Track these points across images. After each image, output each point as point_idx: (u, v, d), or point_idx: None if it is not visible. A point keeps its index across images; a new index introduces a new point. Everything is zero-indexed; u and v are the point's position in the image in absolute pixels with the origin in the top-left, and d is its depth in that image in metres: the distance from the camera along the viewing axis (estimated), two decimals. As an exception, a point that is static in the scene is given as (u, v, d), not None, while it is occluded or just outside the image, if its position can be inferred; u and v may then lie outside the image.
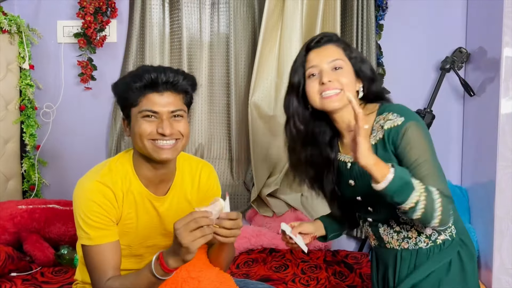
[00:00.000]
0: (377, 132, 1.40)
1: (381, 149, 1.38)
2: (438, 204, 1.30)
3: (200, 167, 1.54)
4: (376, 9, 2.55)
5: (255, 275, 2.15)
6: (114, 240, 1.38)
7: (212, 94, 2.76)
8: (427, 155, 1.36)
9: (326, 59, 1.42)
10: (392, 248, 1.49)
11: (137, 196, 1.42)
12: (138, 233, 1.46)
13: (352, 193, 1.49)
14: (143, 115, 1.33)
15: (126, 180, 1.41)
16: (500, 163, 2.13)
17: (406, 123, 1.36)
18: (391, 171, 1.23)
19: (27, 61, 2.61)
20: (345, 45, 1.47)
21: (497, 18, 2.15)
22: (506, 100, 2.13)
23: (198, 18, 2.71)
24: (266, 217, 2.64)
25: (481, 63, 2.39)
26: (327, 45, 1.45)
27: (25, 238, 2.29)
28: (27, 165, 2.69)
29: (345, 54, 1.44)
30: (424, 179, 1.33)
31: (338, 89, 1.40)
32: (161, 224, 1.48)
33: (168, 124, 1.32)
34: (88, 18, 2.55)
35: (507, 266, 2.15)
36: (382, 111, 1.42)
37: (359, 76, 1.45)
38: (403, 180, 1.24)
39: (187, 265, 1.39)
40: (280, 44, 2.61)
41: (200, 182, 1.53)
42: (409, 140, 1.35)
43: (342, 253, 2.43)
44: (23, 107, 2.64)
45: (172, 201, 1.48)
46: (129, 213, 1.42)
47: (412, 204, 1.26)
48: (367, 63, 1.48)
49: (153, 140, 1.34)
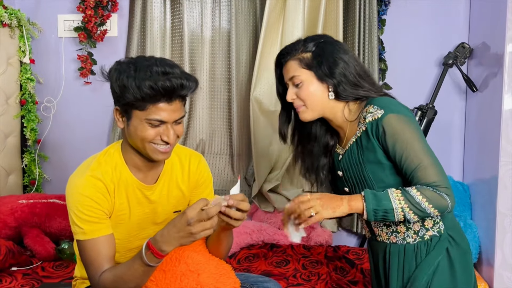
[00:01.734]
0: (362, 124, 1.44)
1: (365, 139, 1.43)
2: (418, 197, 1.34)
3: (189, 157, 1.55)
4: (379, 4, 2.53)
5: (256, 270, 2.15)
6: (108, 233, 1.39)
7: (213, 90, 2.75)
8: (414, 145, 1.38)
9: (287, 76, 1.49)
10: (382, 241, 1.53)
11: (128, 187, 1.43)
12: (132, 224, 1.46)
13: (341, 185, 1.55)
14: (149, 122, 1.30)
15: (116, 171, 1.41)
16: (502, 159, 2.12)
17: (385, 115, 1.39)
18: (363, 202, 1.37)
19: (27, 55, 2.60)
20: (305, 51, 1.47)
21: (500, 13, 2.14)
22: (509, 95, 2.12)
23: (200, 13, 2.70)
24: (267, 212, 2.63)
25: (484, 58, 2.38)
26: (287, 62, 1.49)
27: (25, 232, 2.29)
28: (28, 159, 2.68)
29: (301, 65, 1.46)
30: (416, 172, 1.37)
31: (301, 105, 1.48)
32: (153, 213, 1.49)
33: (172, 133, 1.33)
34: (88, 12, 2.54)
35: (509, 262, 2.14)
36: (366, 104, 1.45)
37: (323, 80, 1.45)
38: (375, 198, 1.36)
39: (185, 258, 1.40)
40: (281, 39, 2.59)
41: (190, 171, 1.53)
42: (392, 133, 1.38)
43: (343, 248, 2.43)
44: (24, 102, 2.63)
45: (162, 189, 1.49)
46: (121, 203, 1.43)
47: (402, 214, 1.35)
48: (335, 64, 1.44)
49: (154, 143, 1.34)
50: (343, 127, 1.51)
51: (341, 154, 1.52)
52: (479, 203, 2.40)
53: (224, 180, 2.76)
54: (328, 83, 1.45)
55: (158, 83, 1.25)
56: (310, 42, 1.48)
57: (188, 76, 1.31)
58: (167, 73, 1.27)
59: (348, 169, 1.49)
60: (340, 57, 1.45)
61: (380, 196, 1.37)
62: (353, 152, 1.46)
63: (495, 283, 2.15)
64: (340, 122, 1.51)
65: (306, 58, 1.46)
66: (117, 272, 1.32)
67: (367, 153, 1.43)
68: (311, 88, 1.46)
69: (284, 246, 2.41)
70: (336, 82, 1.44)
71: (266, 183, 2.60)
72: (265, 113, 2.62)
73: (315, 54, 1.46)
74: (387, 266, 1.52)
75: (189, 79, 1.30)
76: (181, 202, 1.55)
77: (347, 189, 1.53)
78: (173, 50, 2.68)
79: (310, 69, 1.45)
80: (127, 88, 1.27)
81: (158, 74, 1.26)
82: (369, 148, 1.42)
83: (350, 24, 2.55)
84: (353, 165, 1.46)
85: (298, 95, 1.47)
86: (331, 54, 1.45)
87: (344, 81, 1.44)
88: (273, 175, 2.64)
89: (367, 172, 1.44)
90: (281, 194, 2.63)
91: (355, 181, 1.48)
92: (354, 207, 1.37)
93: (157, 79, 1.25)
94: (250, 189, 2.70)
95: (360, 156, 1.44)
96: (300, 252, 2.35)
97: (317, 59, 1.45)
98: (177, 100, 1.31)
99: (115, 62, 1.34)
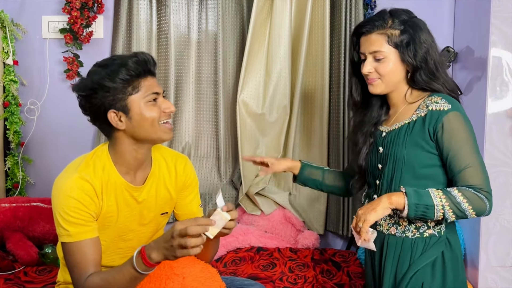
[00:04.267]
0: (421, 110, 1.47)
1: (419, 126, 1.46)
2: (459, 198, 1.38)
3: (175, 158, 1.56)
4: (365, 8, 2.55)
5: (243, 274, 2.14)
6: (94, 236, 1.37)
7: (199, 92, 2.74)
8: (467, 147, 1.42)
9: (369, 49, 1.50)
10: (381, 231, 1.55)
11: (117, 188, 1.42)
12: (119, 225, 1.45)
13: (376, 160, 1.57)
14: (148, 100, 1.36)
15: (104, 173, 1.41)
16: (487, 161, 2.11)
17: (451, 111, 1.42)
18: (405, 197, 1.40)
19: (10, 56, 2.56)
20: (394, 28, 1.48)
21: (484, 17, 2.17)
22: (492, 99, 2.14)
23: (186, 15, 2.68)
24: (254, 215, 2.62)
25: (468, 62, 2.40)
26: (372, 33, 1.50)
27: (8, 237, 2.25)
28: (11, 162, 2.64)
29: (388, 42, 1.48)
30: (462, 172, 1.40)
31: (376, 78, 1.52)
32: (139, 215, 1.48)
33: (169, 102, 1.41)
34: (74, 14, 2.51)
35: (493, 264, 2.16)
36: (432, 95, 1.49)
37: (405, 62, 1.49)
38: (417, 194, 1.40)
39: (170, 261, 1.38)
40: (269, 42, 2.59)
41: (177, 172, 1.54)
42: (451, 130, 1.41)
43: (329, 251, 2.43)
44: (7, 104, 2.59)
45: (150, 190, 1.48)
46: (110, 205, 1.42)
47: (441, 212, 1.38)
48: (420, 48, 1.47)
49: (161, 122, 1.39)
50: (399, 106, 1.56)
51: (384, 132, 1.56)
52: (464, 206, 2.42)
53: (210, 184, 2.74)
54: (408, 66, 1.49)
55: (139, 56, 1.35)
56: (397, 18, 1.49)
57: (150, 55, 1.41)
58: (132, 55, 1.37)
59: (389, 146, 1.52)
60: (425, 40, 1.48)
61: (421, 192, 1.40)
62: (401, 132, 1.50)
63: (479, 285, 2.17)
64: (398, 101, 1.56)
65: (394, 36, 1.48)
66: (105, 276, 1.30)
67: (414, 137, 1.46)
68: (392, 66, 1.50)
69: (271, 249, 2.40)
70: (416, 67, 1.48)
71: (253, 186, 2.60)
72: (252, 115, 2.61)
73: (403, 32, 1.48)
74: (384, 257, 1.53)
75: (148, 56, 1.40)
76: (168, 204, 1.55)
77: (380, 166, 1.56)
78: (159, 53, 2.67)
79: (396, 48, 1.48)
80: (114, 80, 1.33)
81: (125, 57, 1.36)
82: (419, 134, 1.46)
83: (337, 28, 2.56)
84: (396, 144, 1.50)
85: (376, 69, 1.50)
86: (418, 37, 1.48)
87: (424, 67, 1.48)
88: (260, 178, 2.63)
89: (403, 153, 1.48)
90: (268, 197, 2.63)
91: (390, 159, 1.51)
92: (395, 201, 1.40)
93: (131, 58, 1.35)
94: (237, 192, 2.69)
95: (406, 137, 1.48)
96: (286, 255, 2.34)
97: (404, 40, 1.47)
98: (151, 75, 1.40)
99: (79, 80, 1.42)
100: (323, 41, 2.53)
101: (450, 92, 1.52)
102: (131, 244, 1.50)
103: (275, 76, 2.60)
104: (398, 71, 1.51)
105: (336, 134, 2.58)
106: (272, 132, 2.64)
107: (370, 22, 1.51)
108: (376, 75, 1.51)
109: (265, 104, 2.63)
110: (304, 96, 2.63)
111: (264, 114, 2.62)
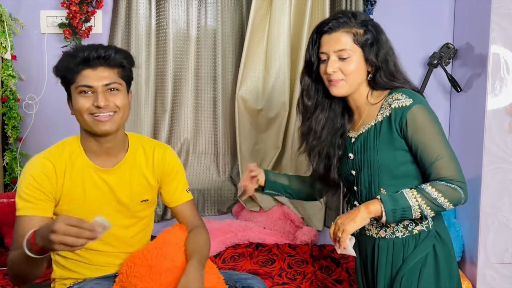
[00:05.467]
0: (385, 110, 1.45)
1: (386, 126, 1.44)
2: (434, 193, 1.38)
3: (153, 147, 1.60)
4: (365, 4, 2.55)
5: (242, 270, 2.14)
6: (41, 215, 1.41)
7: (198, 89, 2.73)
8: (435, 139, 1.41)
9: (333, 47, 1.45)
10: (370, 236, 1.54)
11: (84, 170, 1.48)
12: (88, 207, 1.48)
13: (349, 167, 1.54)
14: (79, 90, 1.42)
15: (72, 156, 1.48)
16: (486, 158, 2.14)
17: (413, 105, 1.40)
18: (380, 204, 1.40)
19: (9, 51, 2.55)
20: (358, 27, 1.45)
21: (484, 14, 2.16)
22: (492, 96, 2.14)
23: (185, 11, 2.67)
24: (252, 211, 2.62)
25: (468, 59, 2.40)
26: (337, 31, 1.45)
27: (6, 232, 2.25)
28: (9, 158, 2.63)
29: (354, 40, 1.45)
30: (434, 165, 1.40)
31: (340, 79, 1.46)
32: (115, 200, 1.51)
33: (102, 97, 1.41)
34: (73, 8, 2.50)
35: (492, 261, 2.17)
36: (392, 91, 1.47)
37: (367, 61, 1.46)
38: (392, 199, 1.40)
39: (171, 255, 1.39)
40: (268, 38, 2.59)
41: (154, 161, 1.57)
42: (416, 124, 1.40)
43: (328, 247, 2.43)
44: (5, 99, 2.58)
45: (123, 175, 1.52)
46: (74, 186, 1.46)
47: (419, 211, 1.39)
48: (382, 48, 1.46)
49: (91, 114, 1.42)
50: (362, 108, 1.52)
51: (353, 137, 1.53)
52: (463, 203, 2.42)
53: (209, 180, 2.74)
54: (371, 66, 1.47)
55: (78, 53, 1.42)
56: (360, 18, 1.47)
57: (110, 46, 1.47)
58: (88, 46, 1.44)
59: (359, 152, 1.50)
60: (386, 42, 1.47)
61: (395, 196, 1.40)
62: (369, 135, 1.48)
63: (478, 282, 2.17)
64: (361, 103, 1.52)
65: (359, 34, 1.45)
66: (15, 253, 1.33)
67: (384, 138, 1.45)
68: (356, 65, 1.46)
69: (270, 245, 2.40)
70: (377, 67, 1.46)
71: (251, 182, 2.59)
72: (251, 112, 2.61)
73: (366, 33, 1.46)
74: (376, 261, 1.53)
75: (109, 48, 1.44)
76: (147, 191, 1.58)
77: (354, 172, 1.53)
78: (158, 48, 2.65)
79: (361, 47, 1.45)
80: (58, 67, 1.46)
81: (81, 49, 1.44)
82: (388, 134, 1.44)
83: (336, 24, 2.55)
84: (366, 149, 1.48)
85: (341, 68, 1.45)
86: (380, 38, 1.47)
87: (384, 68, 1.46)
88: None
89: (377, 157, 1.46)
90: (267, 193, 2.62)
91: (364, 164, 1.48)
92: (373, 210, 1.40)
93: (77, 51, 1.43)
94: (235, 188, 2.69)
95: (376, 140, 1.46)
96: (285, 251, 2.34)
97: (369, 40, 1.45)
98: (102, 67, 1.42)
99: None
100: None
101: (409, 86, 1.50)
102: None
103: (274, 72, 2.60)
104: (361, 71, 1.47)
105: (335, 130, 2.57)
106: (271, 128, 2.64)
107: (334, 19, 1.46)
108: (340, 75, 1.45)
109: (264, 100, 2.62)
110: (303, 92, 2.63)
111: (263, 110, 2.62)
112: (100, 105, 1.40)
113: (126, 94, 1.49)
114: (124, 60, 1.46)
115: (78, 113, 1.44)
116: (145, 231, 1.63)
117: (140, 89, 2.64)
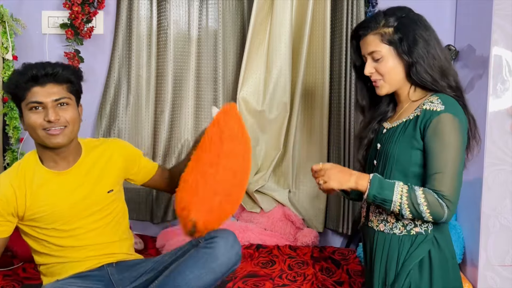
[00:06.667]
0: (418, 109, 1.48)
1: (412, 125, 1.47)
2: (421, 199, 1.38)
3: (102, 142, 1.74)
4: (366, 5, 2.54)
5: (242, 271, 2.13)
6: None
7: (199, 89, 2.72)
8: (446, 152, 1.40)
9: (366, 51, 1.52)
10: (372, 227, 1.57)
11: (44, 179, 1.56)
12: (58, 211, 1.57)
13: (373, 156, 1.59)
14: (30, 107, 1.50)
15: (29, 173, 1.56)
16: (487, 159, 2.13)
17: (443, 112, 1.41)
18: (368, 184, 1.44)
19: (10, 51, 2.55)
20: (387, 26, 1.48)
21: (486, 16, 2.16)
22: (494, 98, 2.13)
23: (187, 11, 2.67)
24: (253, 213, 2.62)
25: (469, 61, 2.40)
26: (366, 36, 1.51)
27: (6, 232, 2.24)
28: (10, 158, 2.63)
29: (382, 41, 1.48)
30: (432, 176, 1.41)
31: (379, 79, 1.53)
32: (81, 195, 1.61)
33: (53, 112, 1.50)
34: (75, 9, 2.50)
35: (493, 263, 2.16)
36: (433, 94, 1.49)
37: (401, 57, 1.49)
38: (380, 186, 1.42)
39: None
40: (269, 39, 2.59)
41: (112, 155, 1.70)
42: (436, 131, 1.41)
43: (329, 249, 2.42)
44: (6, 99, 2.58)
45: (80, 172, 1.61)
46: (37, 198, 1.55)
47: (398, 208, 1.41)
48: (414, 43, 1.46)
49: (44, 129, 1.51)
50: (404, 104, 1.56)
51: (386, 128, 1.57)
52: (464, 204, 2.41)
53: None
54: (405, 61, 1.48)
55: (27, 71, 1.51)
56: (391, 16, 1.49)
57: (57, 63, 1.57)
58: (36, 64, 1.54)
59: (385, 144, 1.53)
60: (421, 35, 1.47)
61: (385, 184, 1.42)
62: (397, 130, 1.51)
63: (479, 284, 2.17)
64: (404, 98, 1.56)
65: (388, 33, 1.48)
66: None
67: (407, 135, 1.47)
68: (390, 63, 1.50)
69: (270, 246, 2.40)
70: (411, 62, 1.47)
71: (252, 183, 2.59)
72: (252, 113, 2.60)
73: (396, 29, 1.48)
74: (373, 254, 1.55)
75: (56, 65, 1.54)
76: (110, 183, 1.67)
77: (375, 162, 1.57)
78: (159, 49, 2.65)
79: (391, 45, 1.48)
80: (9, 85, 1.54)
81: (30, 67, 1.53)
82: (411, 132, 1.46)
83: (338, 25, 2.55)
84: (391, 142, 1.51)
85: (377, 69, 1.51)
86: (412, 32, 1.47)
87: (420, 62, 1.46)
88: (259, 176, 2.63)
89: (395, 151, 1.48)
90: (268, 194, 2.62)
91: (384, 156, 1.52)
92: (360, 186, 1.44)
93: (26, 69, 1.52)
94: (236, 189, 2.68)
95: (400, 135, 1.49)
96: (286, 253, 2.34)
97: (398, 35, 1.47)
98: (51, 83, 1.51)
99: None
100: (324, 38, 2.52)
101: (451, 92, 1.49)
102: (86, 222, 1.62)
103: (275, 73, 2.60)
104: (397, 68, 1.51)
105: (336, 131, 2.57)
106: (272, 129, 2.64)
107: (364, 24, 1.53)
108: (378, 76, 1.53)
109: (265, 101, 2.62)
110: (304, 93, 2.63)
111: (264, 111, 2.61)
112: (50, 119, 1.49)
113: (75, 108, 1.59)
114: (71, 76, 1.56)
115: (31, 129, 1.52)
116: (119, 222, 1.72)
117: (141, 90, 2.64)
